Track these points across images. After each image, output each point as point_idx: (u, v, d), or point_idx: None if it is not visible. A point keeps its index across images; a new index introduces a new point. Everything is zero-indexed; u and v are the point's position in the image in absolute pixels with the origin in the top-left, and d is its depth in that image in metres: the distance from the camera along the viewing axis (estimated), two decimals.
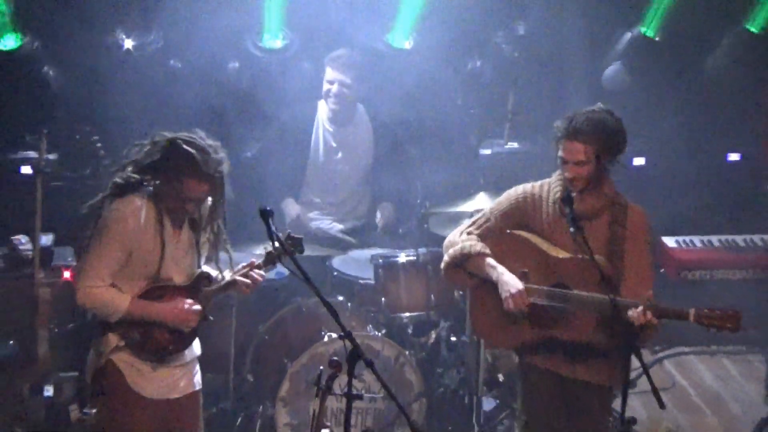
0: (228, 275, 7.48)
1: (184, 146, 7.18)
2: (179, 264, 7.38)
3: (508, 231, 7.70)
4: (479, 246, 7.67)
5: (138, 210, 7.24)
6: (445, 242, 7.79)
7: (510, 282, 7.53)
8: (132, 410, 7.26)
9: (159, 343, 7.33)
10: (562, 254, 7.54)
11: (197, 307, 7.35)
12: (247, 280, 7.43)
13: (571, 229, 7.31)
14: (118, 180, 7.30)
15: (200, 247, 7.46)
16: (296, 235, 7.56)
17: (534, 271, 7.60)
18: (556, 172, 7.55)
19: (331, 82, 9.74)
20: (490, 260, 7.63)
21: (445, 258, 7.92)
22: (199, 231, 7.44)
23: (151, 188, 7.31)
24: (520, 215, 7.69)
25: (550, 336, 7.55)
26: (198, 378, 7.61)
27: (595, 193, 7.55)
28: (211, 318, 7.57)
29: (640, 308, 7.11)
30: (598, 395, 7.70)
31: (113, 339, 7.25)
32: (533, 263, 7.61)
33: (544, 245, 7.63)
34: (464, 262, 7.73)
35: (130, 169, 7.28)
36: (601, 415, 7.74)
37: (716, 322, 7.24)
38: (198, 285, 7.43)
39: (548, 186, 7.62)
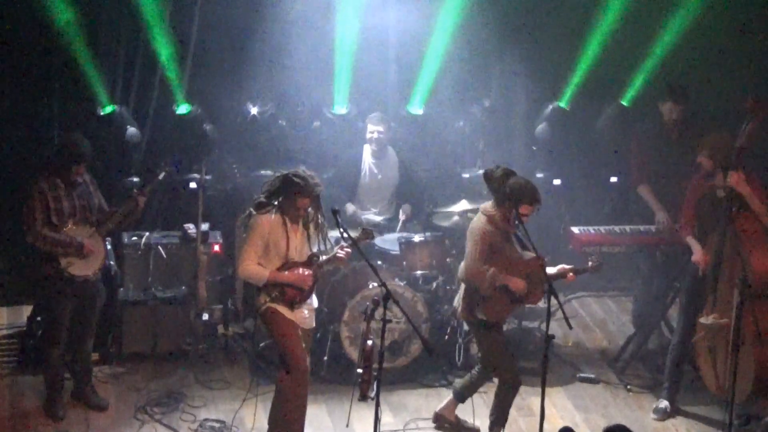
0: (329, 254, 7.86)
1: (293, 178, 7.59)
2: (299, 249, 7.80)
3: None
4: None
5: (269, 219, 7.67)
6: None
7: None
8: (285, 324, 7.75)
9: (290, 297, 7.75)
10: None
11: (310, 272, 7.78)
12: (341, 255, 7.81)
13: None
14: (257, 201, 7.73)
15: (310, 237, 7.82)
16: (369, 228, 8.02)
17: None
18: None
19: (371, 132, 9.87)
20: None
21: None
22: (308, 226, 7.80)
23: (276, 204, 7.69)
24: None
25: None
26: (313, 319, 8.02)
27: None
28: (318, 280, 7.92)
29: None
30: None
31: (264, 296, 7.75)
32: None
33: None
34: None
35: (264, 194, 7.71)
36: None
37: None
38: (311, 260, 7.82)
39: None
